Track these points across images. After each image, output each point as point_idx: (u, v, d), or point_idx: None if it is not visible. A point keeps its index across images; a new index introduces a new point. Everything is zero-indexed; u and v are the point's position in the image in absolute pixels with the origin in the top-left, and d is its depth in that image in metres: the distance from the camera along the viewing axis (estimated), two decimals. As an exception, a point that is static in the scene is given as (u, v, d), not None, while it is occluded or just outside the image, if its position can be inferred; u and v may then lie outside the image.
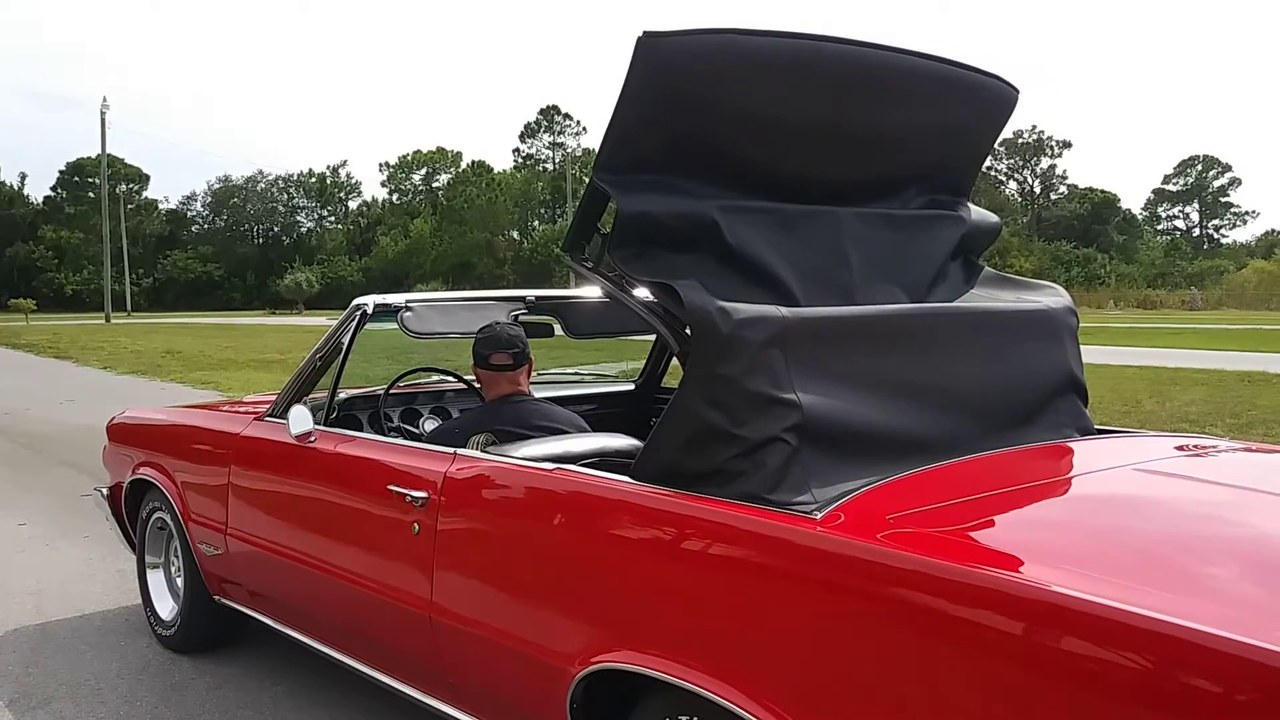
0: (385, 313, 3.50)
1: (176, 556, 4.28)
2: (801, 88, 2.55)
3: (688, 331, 2.33)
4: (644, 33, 2.30)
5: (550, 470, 2.57)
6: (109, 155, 58.46)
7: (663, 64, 2.34)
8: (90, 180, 76.86)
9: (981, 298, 2.95)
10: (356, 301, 3.54)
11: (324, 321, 37.48)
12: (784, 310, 2.35)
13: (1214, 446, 2.76)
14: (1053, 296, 2.99)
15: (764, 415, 2.22)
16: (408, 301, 3.55)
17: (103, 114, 53.26)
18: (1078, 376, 2.89)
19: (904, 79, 2.73)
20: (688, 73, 2.38)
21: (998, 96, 2.99)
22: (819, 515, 2.01)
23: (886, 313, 2.62)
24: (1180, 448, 2.68)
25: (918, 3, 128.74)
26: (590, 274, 2.49)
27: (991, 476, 2.41)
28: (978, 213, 3.13)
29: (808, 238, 2.65)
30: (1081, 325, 3.00)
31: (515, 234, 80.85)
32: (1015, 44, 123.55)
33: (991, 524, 2.11)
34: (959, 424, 2.55)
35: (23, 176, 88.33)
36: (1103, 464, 2.49)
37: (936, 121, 2.87)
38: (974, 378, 2.64)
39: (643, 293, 2.45)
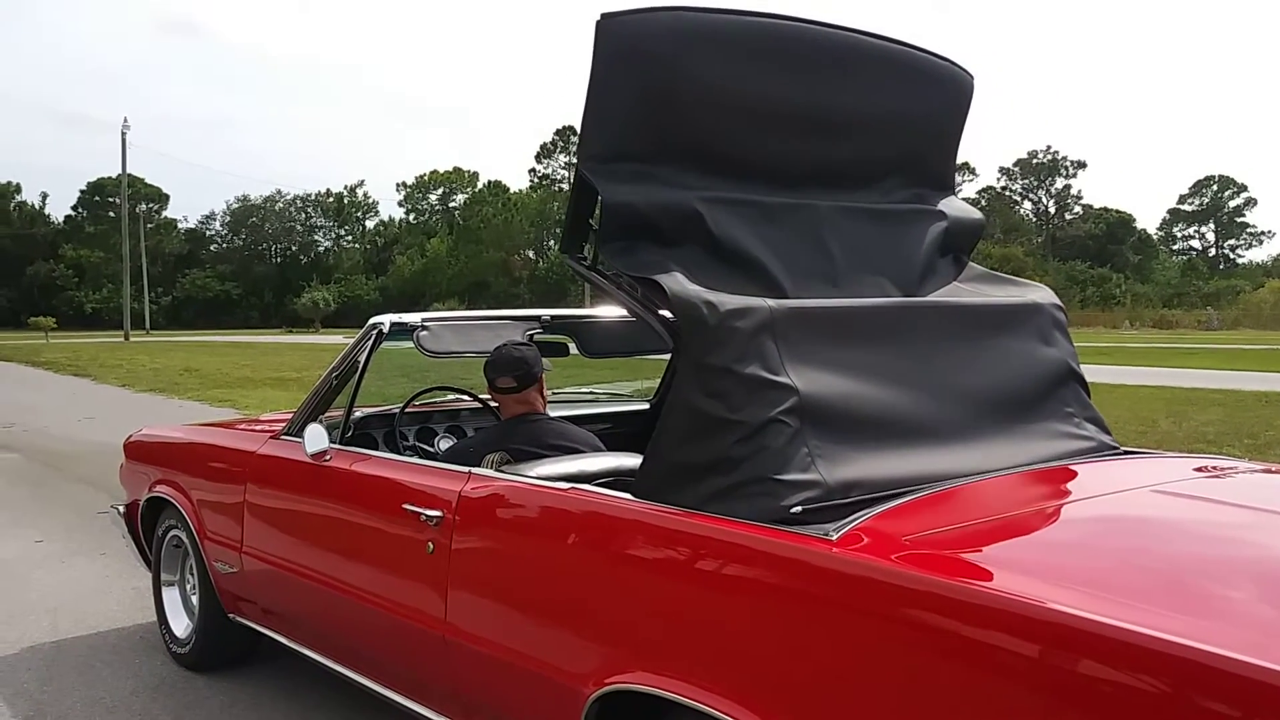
0: (401, 332, 3.51)
1: (192, 574, 4.29)
2: (759, 64, 2.63)
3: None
4: (602, 15, 2.39)
5: (565, 490, 2.57)
6: (129, 175, 58.87)
7: (624, 43, 2.43)
8: (110, 199, 77.41)
9: (970, 292, 2.97)
10: (373, 320, 3.55)
11: (340, 340, 37.61)
12: (770, 301, 2.39)
13: (1233, 468, 2.74)
14: (1040, 293, 3.02)
15: (760, 399, 2.23)
16: (424, 320, 3.57)
17: (123, 134, 53.72)
18: (1074, 367, 2.91)
19: (861, 58, 2.82)
20: (647, 50, 2.46)
21: (955, 79, 3.06)
22: (835, 536, 2.00)
23: (876, 305, 2.66)
24: (1200, 469, 2.67)
25: (917, 2, 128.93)
26: (588, 272, 2.54)
27: (1010, 498, 2.40)
28: (960, 207, 3.17)
29: (792, 231, 2.69)
30: (1097, 346, 3.02)
31: (531, 253, 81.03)
32: (1025, 59, 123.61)
33: (1010, 546, 2.09)
34: (958, 410, 2.57)
35: (44, 196, 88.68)
36: (1122, 485, 2.48)
37: (900, 102, 2.93)
38: (968, 368, 2.66)
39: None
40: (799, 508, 2.14)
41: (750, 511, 2.17)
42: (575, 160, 2.56)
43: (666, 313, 2.41)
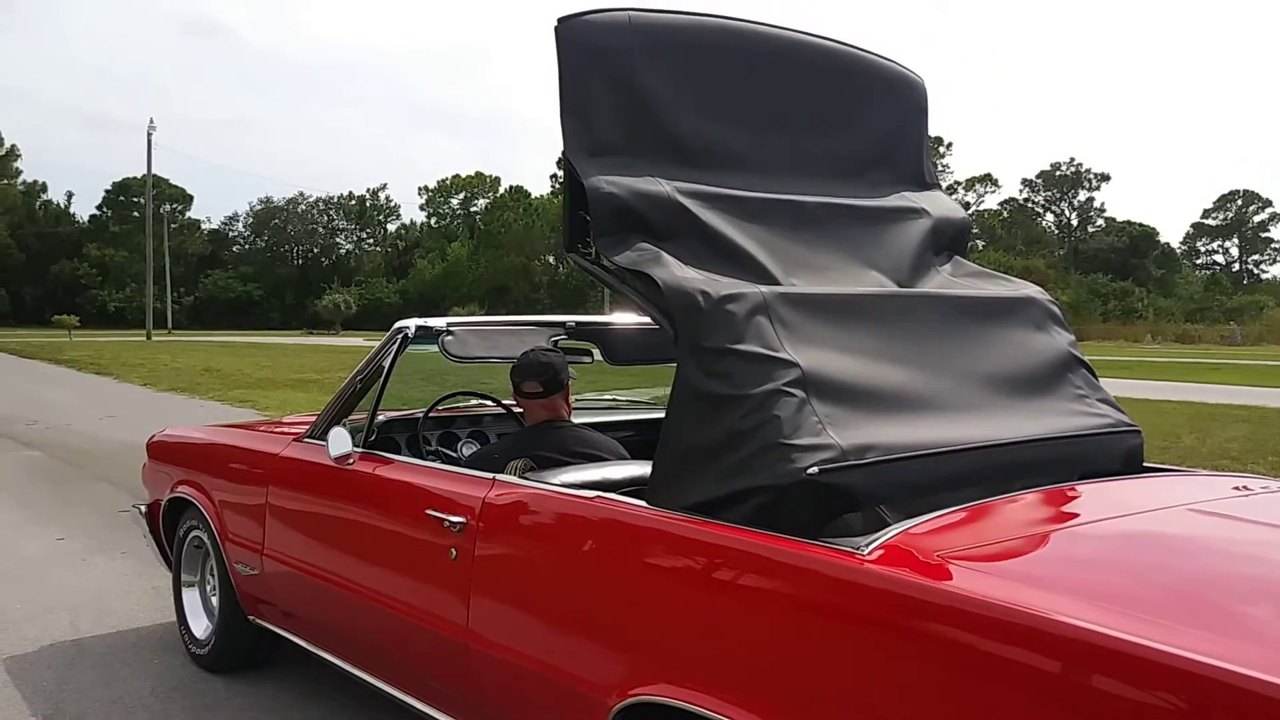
0: (426, 336, 3.50)
1: (212, 575, 4.29)
2: (717, 60, 2.78)
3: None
4: (559, 19, 2.57)
5: (590, 498, 2.55)
6: (154, 175, 59.26)
7: (583, 42, 2.59)
8: (135, 200, 77.91)
9: (963, 286, 3.01)
10: (398, 325, 3.54)
11: (360, 342, 37.72)
12: (763, 287, 2.44)
13: (1267, 487, 2.70)
14: (1032, 289, 3.06)
15: (762, 374, 2.26)
16: (449, 325, 3.55)
17: (149, 135, 54.13)
18: (1078, 354, 2.93)
19: (816, 58, 3.00)
20: (606, 46, 2.62)
21: (908, 80, 3.22)
22: (866, 551, 1.98)
23: (871, 293, 2.72)
24: (1237, 488, 2.63)
25: (917, 3, 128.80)
26: (592, 267, 2.60)
27: (1043, 514, 2.37)
28: (946, 205, 3.23)
29: (779, 227, 2.77)
30: (1119, 359, 3.04)
31: (551, 259, 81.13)
32: (1048, 69, 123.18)
33: (1044, 563, 2.06)
34: (966, 387, 2.59)
35: (69, 195, 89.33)
36: (1157, 504, 2.44)
37: (859, 100, 3.08)
38: (971, 351, 2.70)
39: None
40: (815, 468, 2.14)
41: (768, 478, 2.17)
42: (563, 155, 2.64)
43: (645, 294, 2.48)
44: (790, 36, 2.96)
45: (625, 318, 4.00)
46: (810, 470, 2.13)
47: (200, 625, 4.34)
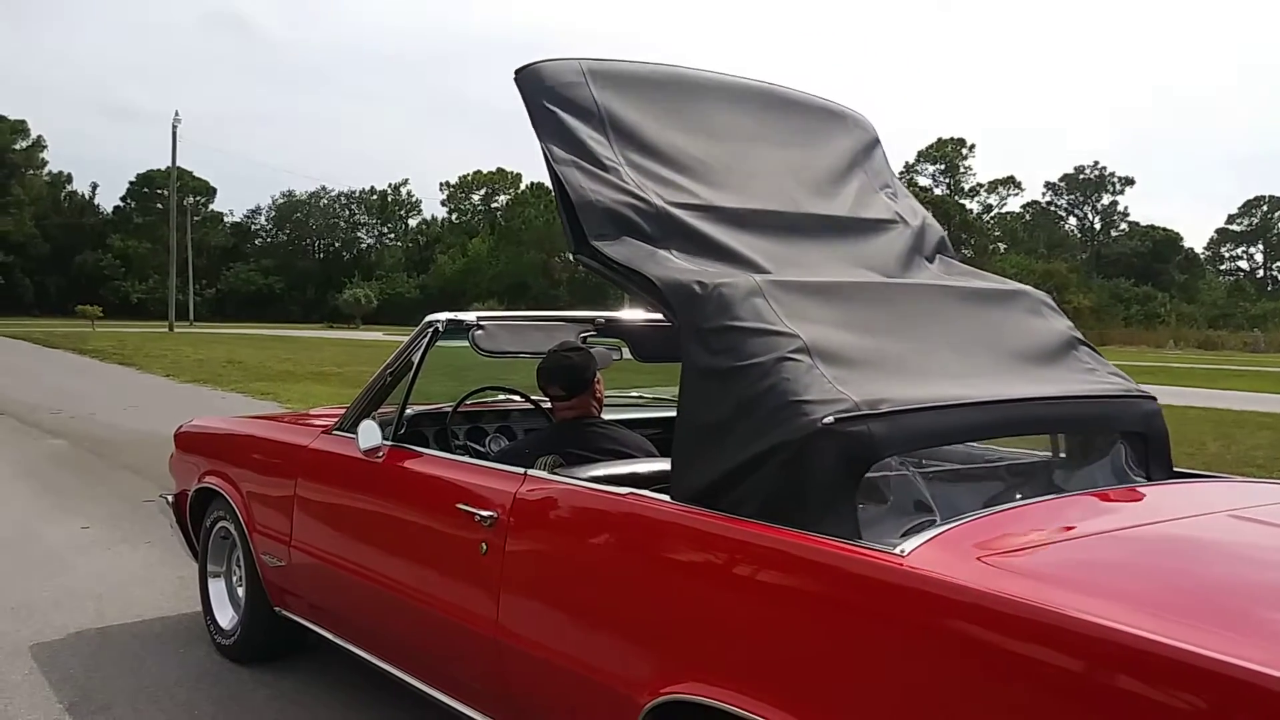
0: (456, 330, 3.50)
1: (238, 566, 4.30)
2: (667, 94, 3.04)
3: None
4: (516, 70, 2.86)
5: (623, 494, 2.54)
6: (178, 168, 59.51)
7: (541, 84, 2.83)
8: (159, 192, 78.40)
9: (957, 281, 3.07)
10: (429, 318, 3.54)
11: (381, 337, 37.83)
12: (755, 275, 2.54)
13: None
14: (1026, 286, 3.12)
15: (766, 344, 2.31)
16: (479, 319, 3.55)
17: (174, 128, 54.32)
18: (1079, 336, 2.96)
19: (760, 95, 3.24)
20: (563, 83, 2.85)
21: (854, 115, 3.46)
22: (905, 552, 1.96)
23: (866, 281, 2.81)
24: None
25: (918, 3, 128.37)
26: (599, 267, 2.67)
27: (1081, 517, 2.35)
28: (922, 215, 3.32)
29: (763, 233, 2.85)
30: (1141, 365, 3.07)
31: (571, 256, 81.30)
32: (1072, 71, 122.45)
33: (1084, 567, 2.03)
34: (972, 355, 2.64)
35: (94, 186, 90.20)
36: (1198, 508, 2.42)
37: (809, 125, 3.29)
38: (973, 329, 2.75)
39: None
40: (831, 418, 2.16)
41: (784, 434, 2.18)
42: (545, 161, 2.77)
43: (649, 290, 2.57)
44: (737, 79, 3.21)
45: (654, 314, 3.99)
46: (826, 420, 2.15)
47: (226, 616, 4.35)
